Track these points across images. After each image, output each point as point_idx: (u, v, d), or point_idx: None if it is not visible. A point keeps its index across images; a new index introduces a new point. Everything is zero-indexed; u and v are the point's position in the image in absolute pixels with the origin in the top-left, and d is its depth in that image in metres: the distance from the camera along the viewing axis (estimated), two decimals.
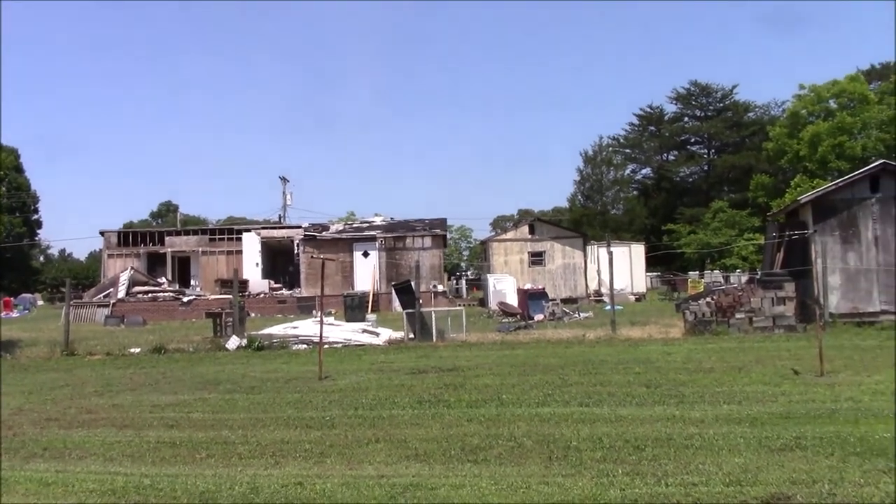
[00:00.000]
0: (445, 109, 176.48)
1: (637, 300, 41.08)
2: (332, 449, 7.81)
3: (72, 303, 34.52)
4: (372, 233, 43.27)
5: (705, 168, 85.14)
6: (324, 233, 44.27)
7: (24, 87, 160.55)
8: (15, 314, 49.26)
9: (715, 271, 54.05)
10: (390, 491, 6.18)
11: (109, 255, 48.24)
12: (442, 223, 46.11)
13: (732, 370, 12.48)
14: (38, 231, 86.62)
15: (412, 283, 22.00)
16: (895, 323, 18.50)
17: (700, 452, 7.07)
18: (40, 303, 67.39)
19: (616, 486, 6.09)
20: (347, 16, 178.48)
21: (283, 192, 64.22)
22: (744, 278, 40.52)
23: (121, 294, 40.94)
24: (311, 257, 39.89)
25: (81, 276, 78.75)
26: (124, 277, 42.22)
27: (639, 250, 45.18)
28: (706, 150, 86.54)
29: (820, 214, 20.12)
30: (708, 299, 19.44)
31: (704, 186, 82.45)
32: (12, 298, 56.61)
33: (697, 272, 55.95)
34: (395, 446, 7.81)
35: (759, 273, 22.69)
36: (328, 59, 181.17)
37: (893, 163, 21.45)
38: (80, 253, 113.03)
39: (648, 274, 51.53)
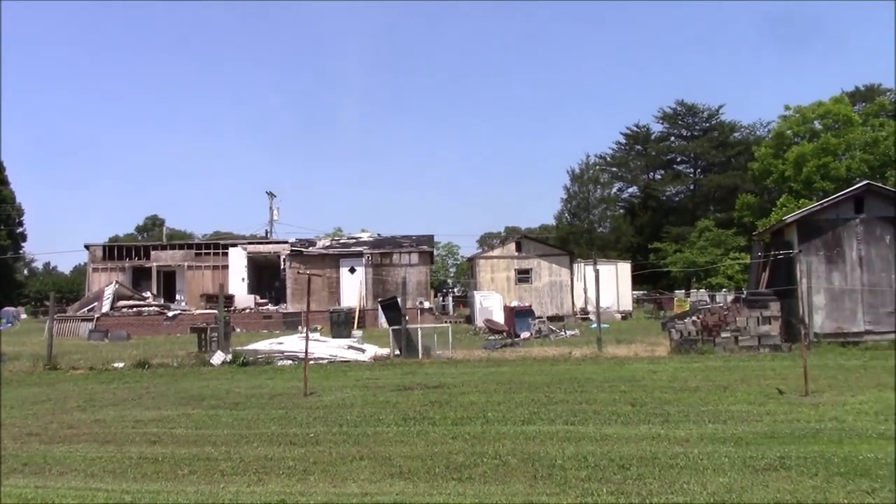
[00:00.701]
0: (433, 126, 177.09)
1: (623, 318, 41.13)
2: (315, 466, 7.76)
3: (55, 317, 34.25)
4: (359, 249, 43.21)
5: (691, 187, 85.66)
6: (310, 248, 44.16)
7: (9, 100, 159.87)
8: None
9: (701, 290, 54.26)
10: None
11: (94, 269, 48.00)
12: (429, 240, 46.11)
13: (718, 389, 12.49)
14: (23, 244, 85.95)
15: (398, 300, 21.97)
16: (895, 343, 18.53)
17: (685, 472, 7.07)
18: (24, 316, 66.73)
19: None
20: (336, 31, 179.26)
21: (270, 207, 64.27)
22: (729, 297, 40.68)
23: (105, 308, 40.66)
24: (298, 272, 39.82)
25: (66, 290, 78.36)
26: (109, 291, 41.95)
27: (625, 268, 45.29)
28: (692, 170, 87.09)
29: (805, 234, 20.24)
30: (694, 318, 19.48)
31: (690, 205, 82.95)
32: None
33: (683, 291, 56.17)
34: (379, 464, 7.77)
35: (745, 292, 22.77)
36: (316, 74, 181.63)
37: (877, 184, 21.62)
38: (65, 266, 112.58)
39: (635, 292, 51.62)
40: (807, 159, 54.19)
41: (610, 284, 40.79)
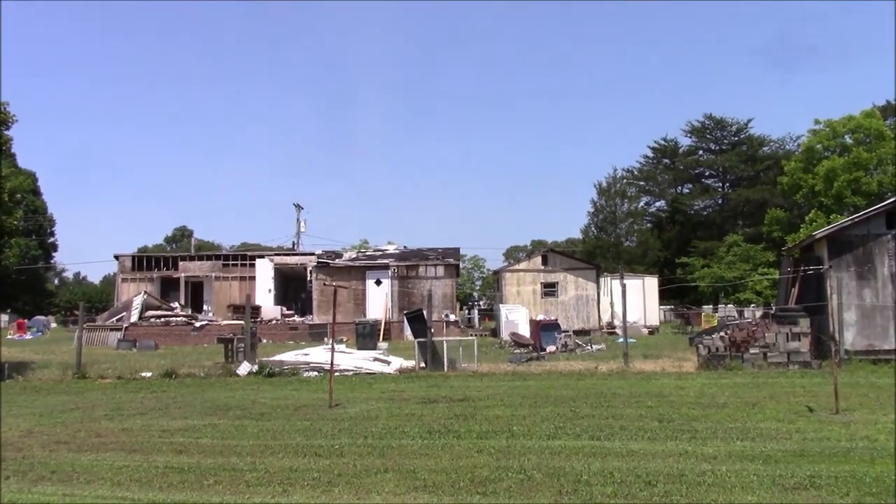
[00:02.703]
0: (460, 139, 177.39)
1: (650, 333, 40.81)
2: (340, 478, 7.76)
3: (85, 326, 34.63)
4: (385, 261, 43.29)
5: (719, 201, 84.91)
6: (337, 260, 44.31)
7: (40, 112, 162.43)
8: (28, 336, 49.42)
9: (729, 305, 53.70)
10: None
11: (123, 279, 48.43)
12: (455, 252, 46.11)
13: (746, 406, 12.35)
14: (54, 254, 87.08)
15: (424, 312, 21.95)
16: None
17: (712, 489, 6.98)
18: (54, 325, 67.59)
19: None
20: (361, 43, 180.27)
21: (297, 219, 64.52)
22: (758, 313, 40.26)
23: (133, 318, 41.02)
24: (324, 284, 39.94)
25: (95, 300, 79.17)
26: (137, 301, 42.34)
27: (652, 283, 44.94)
28: (721, 184, 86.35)
29: (835, 250, 20.00)
30: (721, 333, 19.29)
31: (718, 220, 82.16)
32: (26, 321, 56.85)
33: (711, 306, 55.61)
34: (403, 477, 7.75)
35: (774, 308, 22.51)
36: (344, 88, 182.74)
37: None
38: (95, 277, 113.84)
39: (662, 307, 51.20)
40: (837, 174, 53.56)
41: (637, 299, 40.53)
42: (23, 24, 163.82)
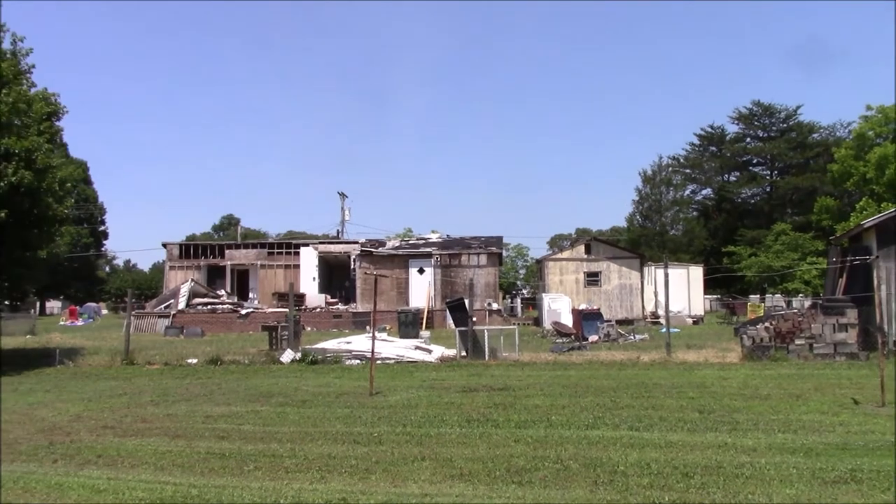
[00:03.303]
0: (505, 127, 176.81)
1: (695, 323, 40.39)
2: (377, 465, 7.84)
3: (134, 313, 35.31)
4: (427, 249, 43.38)
5: (767, 189, 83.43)
6: (380, 248, 44.51)
7: (92, 101, 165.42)
8: (80, 323, 50.57)
9: (776, 295, 52.85)
10: None
11: (171, 267, 49.20)
12: (498, 241, 46.03)
13: (789, 398, 12.19)
14: (105, 242, 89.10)
15: (465, 301, 21.99)
16: None
17: (750, 482, 6.92)
18: (105, 312, 69.07)
19: None
20: (403, 29, 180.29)
21: (342, 208, 64.91)
22: (806, 303, 39.62)
23: (181, 305, 41.70)
24: (366, 273, 40.18)
25: (145, 287, 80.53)
26: (185, 289, 43.01)
27: (697, 272, 44.42)
28: (769, 172, 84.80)
29: (885, 239, 19.56)
30: (766, 324, 19.02)
31: (766, 208, 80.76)
32: (78, 307, 58.14)
33: (758, 296, 54.78)
34: (440, 465, 7.80)
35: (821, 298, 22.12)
36: (386, 79, 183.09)
37: None
38: (145, 264, 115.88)
39: (707, 296, 50.57)
40: (889, 161, 52.23)
41: (681, 288, 40.14)
42: (82, 22, 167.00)
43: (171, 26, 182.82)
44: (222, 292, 46.40)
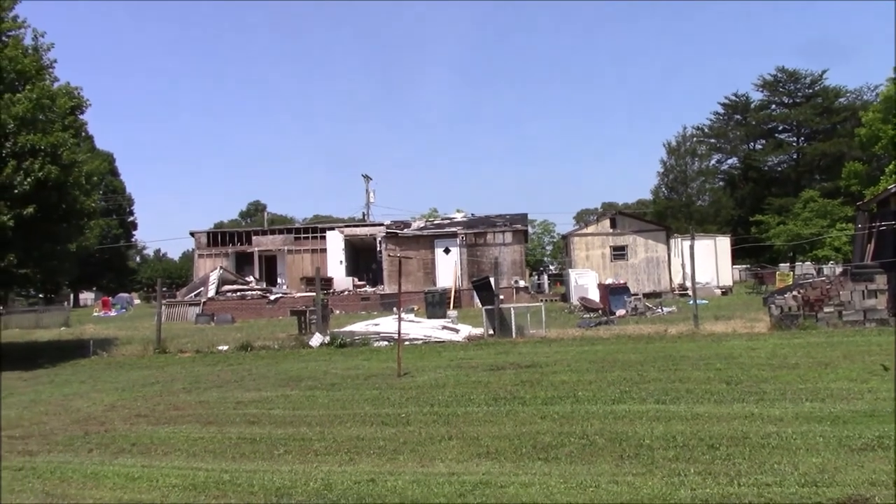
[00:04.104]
0: (529, 103, 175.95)
1: (723, 294, 40.16)
2: (405, 446, 7.94)
3: (165, 302, 35.73)
4: (453, 229, 43.45)
5: (794, 156, 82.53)
6: (405, 230, 44.64)
7: (118, 92, 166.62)
8: (113, 313, 51.31)
9: (806, 263, 52.37)
10: (459, 489, 6.25)
11: (200, 256, 49.62)
12: (523, 218, 45.98)
13: (818, 366, 12.12)
14: (134, 232, 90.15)
15: (490, 280, 22.03)
16: None
17: (776, 452, 6.93)
18: (137, 302, 70.02)
19: (687, 486, 6.02)
20: (428, 7, 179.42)
21: (367, 190, 65.02)
22: (837, 270, 39.21)
23: (211, 293, 42.15)
24: (389, 255, 40.32)
25: (175, 276, 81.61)
26: (214, 277, 43.43)
27: (724, 243, 44.13)
28: (795, 138, 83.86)
29: None
30: (794, 293, 18.88)
31: (794, 175, 79.92)
32: (110, 298, 58.98)
33: (787, 264, 54.32)
34: (467, 444, 7.89)
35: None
36: (410, 55, 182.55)
37: None
38: (175, 253, 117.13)
39: (736, 267, 50.20)
40: None
41: (709, 259, 39.94)
42: (105, 14, 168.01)
43: (194, 16, 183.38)
44: (251, 279, 46.78)
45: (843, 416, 8.32)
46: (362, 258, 50.20)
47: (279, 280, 48.78)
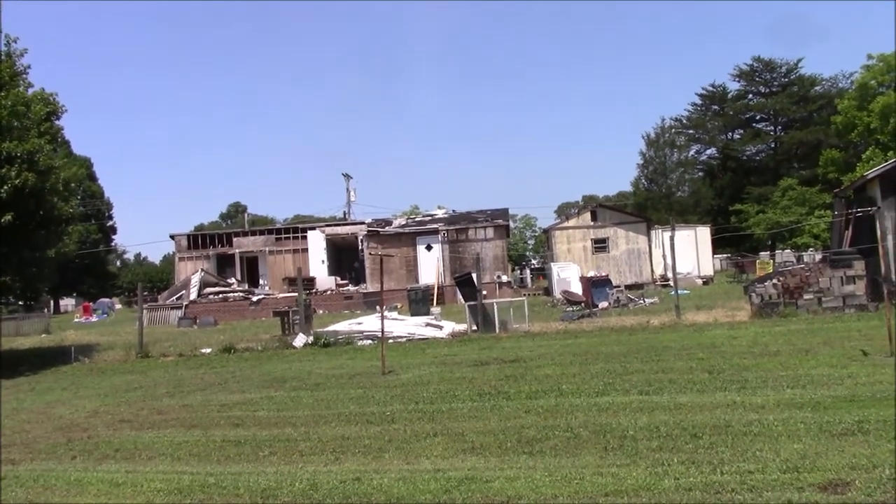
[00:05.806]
0: (506, 98, 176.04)
1: (704, 283, 40.41)
2: (390, 444, 7.95)
3: (147, 306, 35.55)
4: (434, 226, 43.41)
5: (772, 145, 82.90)
6: (387, 228, 44.57)
7: (91, 97, 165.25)
8: (94, 319, 50.90)
9: (786, 251, 52.71)
10: (445, 485, 6.26)
11: (180, 258, 49.30)
12: (504, 213, 46.01)
13: (799, 353, 12.25)
14: (114, 237, 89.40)
15: (473, 275, 22.06)
16: None
17: (758, 439, 6.99)
18: (118, 307, 69.47)
19: (671, 476, 6.07)
20: (410, 7, 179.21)
21: (347, 189, 64.91)
22: (817, 257, 39.53)
23: (192, 296, 41.94)
24: (371, 254, 40.27)
25: (156, 279, 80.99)
26: (195, 279, 43.22)
27: (704, 233, 44.37)
28: (772, 127, 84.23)
29: (889, 189, 19.51)
30: (775, 280, 19.05)
31: (772, 164, 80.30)
32: (91, 304, 58.50)
33: (767, 253, 54.65)
34: (452, 440, 7.91)
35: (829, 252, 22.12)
36: (390, 51, 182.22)
37: None
38: (155, 256, 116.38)
39: (717, 256, 50.46)
40: (893, 109, 51.80)
41: (689, 250, 40.16)
42: (79, 16, 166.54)
43: (171, 16, 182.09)
44: (233, 280, 46.60)
45: (824, 402, 8.41)
46: (344, 257, 50.11)
47: (261, 281, 48.59)
